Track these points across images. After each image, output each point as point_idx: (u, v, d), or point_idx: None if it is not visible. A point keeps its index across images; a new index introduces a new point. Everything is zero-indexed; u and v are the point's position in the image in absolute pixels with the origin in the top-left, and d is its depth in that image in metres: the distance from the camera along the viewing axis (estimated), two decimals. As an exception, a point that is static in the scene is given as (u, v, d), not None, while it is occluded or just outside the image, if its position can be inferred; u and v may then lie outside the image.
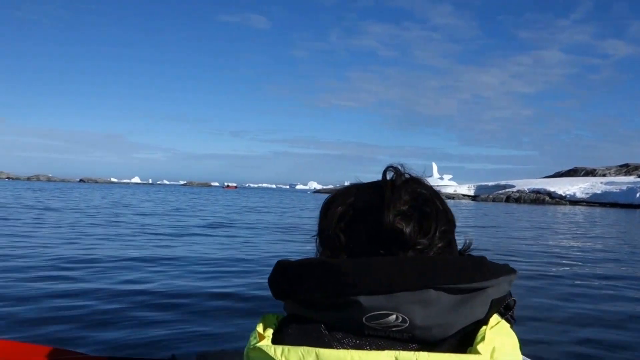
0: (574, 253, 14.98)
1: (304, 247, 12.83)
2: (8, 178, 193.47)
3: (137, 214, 26.09)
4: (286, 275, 0.98)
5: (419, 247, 0.97)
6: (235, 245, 14.04)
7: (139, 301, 6.87)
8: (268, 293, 1.01)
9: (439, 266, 0.91)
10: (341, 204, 1.06)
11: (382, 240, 0.98)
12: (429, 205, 1.01)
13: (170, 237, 15.37)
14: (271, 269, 1.02)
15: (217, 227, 19.68)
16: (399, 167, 1.07)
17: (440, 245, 0.99)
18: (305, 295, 0.95)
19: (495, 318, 0.96)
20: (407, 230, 0.97)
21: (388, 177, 1.06)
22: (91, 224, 19.11)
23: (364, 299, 0.89)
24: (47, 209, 27.55)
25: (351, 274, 0.90)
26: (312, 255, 1.10)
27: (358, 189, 1.09)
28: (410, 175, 1.06)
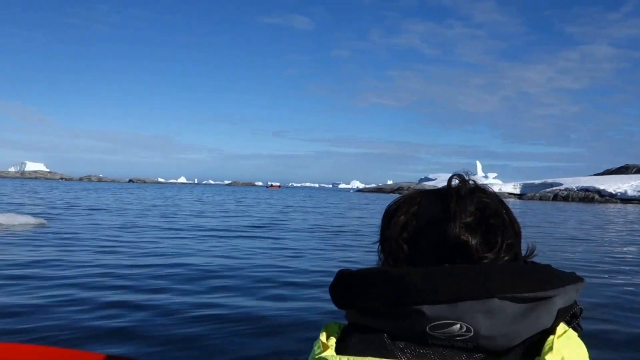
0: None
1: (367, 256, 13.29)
2: (62, 179, 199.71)
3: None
4: (348, 285, 1.00)
5: (485, 261, 0.98)
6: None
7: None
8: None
9: (503, 275, 0.92)
10: (404, 213, 1.07)
11: (446, 252, 0.99)
12: (495, 217, 1.02)
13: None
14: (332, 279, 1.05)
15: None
16: (464, 175, 1.08)
17: (506, 258, 0.99)
18: (367, 304, 0.97)
19: (562, 327, 0.95)
20: (473, 243, 0.98)
21: (453, 184, 1.07)
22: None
23: (427, 309, 0.90)
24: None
25: (414, 284, 0.91)
26: (369, 263, 1.14)
27: (422, 197, 1.08)
28: (475, 183, 1.08)
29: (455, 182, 1.06)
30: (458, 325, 0.90)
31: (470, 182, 1.07)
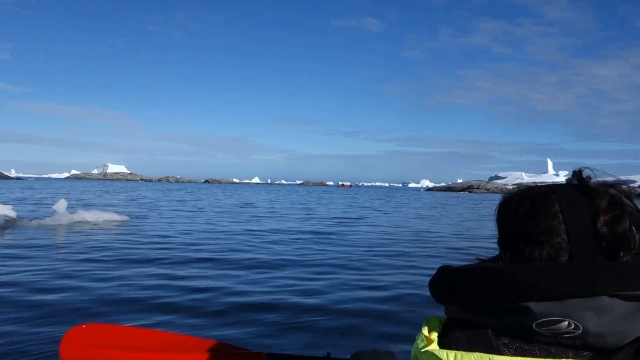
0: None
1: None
2: (142, 180, 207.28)
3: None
4: (451, 281, 1.00)
5: (629, 257, 0.94)
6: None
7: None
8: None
9: (613, 272, 0.89)
10: (545, 207, 1.03)
11: (593, 247, 0.95)
12: (629, 211, 0.99)
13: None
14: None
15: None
16: (589, 170, 1.05)
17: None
18: (471, 300, 0.96)
19: None
20: (616, 234, 0.95)
21: (574, 179, 1.05)
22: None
23: (534, 305, 0.90)
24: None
25: (521, 280, 0.91)
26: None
27: (555, 191, 1.04)
28: (594, 177, 1.05)
29: (575, 177, 1.04)
30: (566, 323, 0.88)
31: (595, 177, 1.05)
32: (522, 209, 1.03)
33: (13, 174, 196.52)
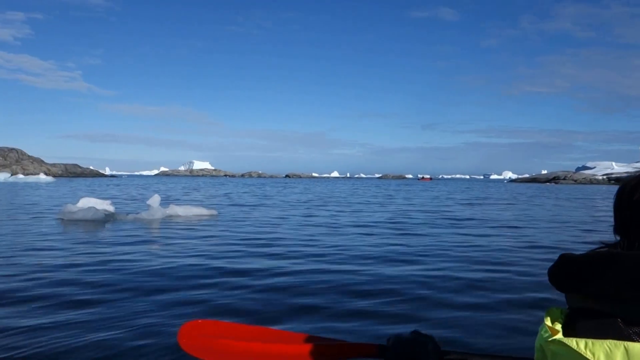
0: None
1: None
2: (225, 175, 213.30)
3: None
4: (573, 269, 0.98)
5: None
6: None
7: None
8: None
9: None
10: None
11: None
12: None
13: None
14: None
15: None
16: None
17: None
18: (597, 289, 0.93)
19: None
20: None
21: None
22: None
23: None
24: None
25: None
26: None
27: None
28: None
29: None
30: None
31: None
32: (624, 193, 1.05)
33: (107, 171, 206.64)
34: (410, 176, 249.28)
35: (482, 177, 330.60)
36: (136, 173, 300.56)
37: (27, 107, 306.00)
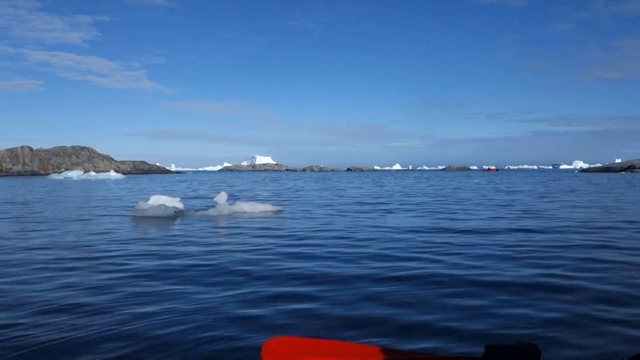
0: None
1: None
2: (287, 170, 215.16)
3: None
4: None
5: None
6: None
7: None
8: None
9: None
10: None
11: None
12: None
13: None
14: None
15: None
16: None
17: None
18: None
19: None
20: None
21: None
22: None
23: None
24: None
25: None
26: None
27: None
28: None
29: None
30: None
31: None
32: None
33: (173, 168, 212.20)
34: (475, 167, 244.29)
35: (550, 167, 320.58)
36: (200, 169, 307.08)
37: (96, 107, 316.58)
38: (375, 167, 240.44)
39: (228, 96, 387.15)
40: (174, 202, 18.19)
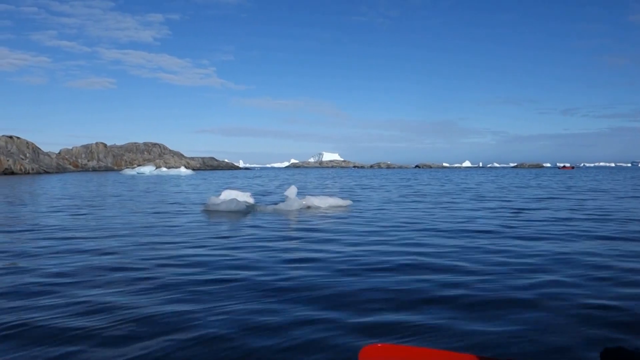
0: None
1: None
2: (354, 166, 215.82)
3: None
4: None
5: None
6: None
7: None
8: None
9: None
10: None
11: None
12: None
13: None
14: None
15: None
16: None
17: None
18: None
19: None
20: None
21: None
22: None
23: None
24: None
25: None
26: None
27: None
28: None
29: None
30: None
31: None
32: None
33: (241, 164, 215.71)
34: (549, 165, 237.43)
35: (629, 164, 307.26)
36: (267, 165, 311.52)
37: (167, 104, 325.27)
38: (444, 164, 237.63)
39: (295, 93, 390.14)
40: (245, 197, 18.23)
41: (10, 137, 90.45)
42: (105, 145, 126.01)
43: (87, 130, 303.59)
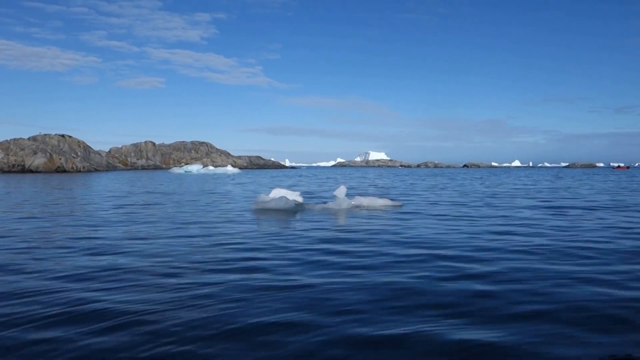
0: None
1: None
2: (401, 166, 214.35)
3: None
4: None
5: None
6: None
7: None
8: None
9: None
10: None
11: None
12: None
13: None
14: None
15: None
16: None
17: None
18: None
19: None
20: None
21: None
22: None
23: None
24: None
25: None
26: None
27: None
28: None
29: None
30: None
31: None
32: None
33: (287, 163, 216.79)
34: (602, 164, 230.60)
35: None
36: (313, 164, 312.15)
37: (214, 103, 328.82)
38: (493, 164, 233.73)
39: (341, 91, 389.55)
40: (294, 196, 18.16)
41: (63, 136, 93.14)
42: (154, 144, 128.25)
43: (136, 129, 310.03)
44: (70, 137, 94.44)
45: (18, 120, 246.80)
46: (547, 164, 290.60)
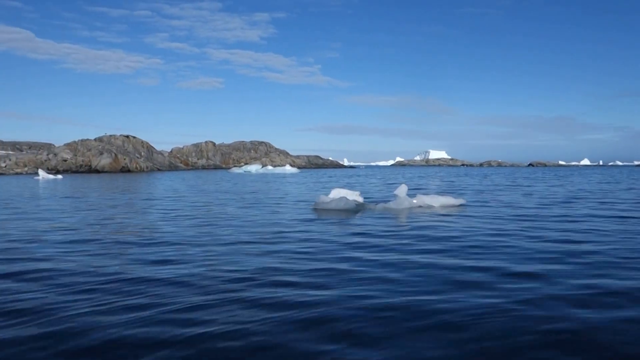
0: None
1: None
2: (463, 165, 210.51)
3: None
4: None
5: None
6: None
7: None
8: None
9: None
10: None
11: None
12: None
13: None
14: None
15: None
16: None
17: None
18: None
19: None
20: None
21: None
22: None
23: None
24: None
25: None
26: None
27: None
28: None
29: None
30: None
31: None
32: None
33: (346, 162, 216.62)
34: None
35: None
36: (372, 164, 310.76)
37: (272, 103, 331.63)
38: (561, 162, 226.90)
39: (401, 89, 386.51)
40: (354, 196, 17.88)
41: (127, 136, 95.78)
42: (214, 144, 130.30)
43: (197, 129, 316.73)
44: (134, 137, 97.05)
45: (85, 121, 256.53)
46: (618, 162, 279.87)
